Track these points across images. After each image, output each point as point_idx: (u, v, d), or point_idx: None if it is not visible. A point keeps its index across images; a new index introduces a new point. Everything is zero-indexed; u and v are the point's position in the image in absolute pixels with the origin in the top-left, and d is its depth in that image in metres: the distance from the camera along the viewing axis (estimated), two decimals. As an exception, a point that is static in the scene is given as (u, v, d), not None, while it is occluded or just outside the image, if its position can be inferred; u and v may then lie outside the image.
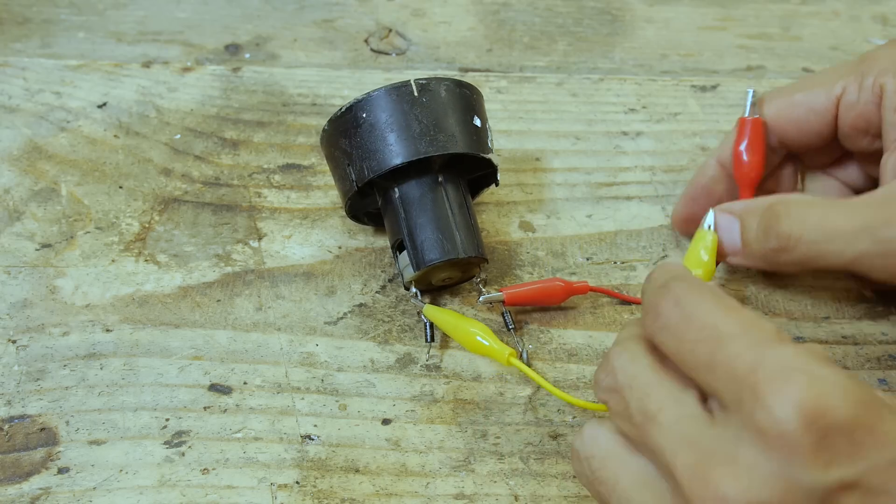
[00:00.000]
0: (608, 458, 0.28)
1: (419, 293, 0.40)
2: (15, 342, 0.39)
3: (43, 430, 0.37)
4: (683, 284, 0.27)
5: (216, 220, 0.45)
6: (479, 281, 0.41)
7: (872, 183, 0.40)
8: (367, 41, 0.56)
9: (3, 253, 0.43)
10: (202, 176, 0.47)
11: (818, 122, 0.39)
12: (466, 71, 0.54)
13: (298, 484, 0.35)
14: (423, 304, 0.39)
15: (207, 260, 0.43)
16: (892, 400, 0.27)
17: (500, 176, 0.41)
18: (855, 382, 0.24)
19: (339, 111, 0.39)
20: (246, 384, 0.38)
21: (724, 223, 0.37)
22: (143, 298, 0.41)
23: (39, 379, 0.38)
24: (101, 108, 0.50)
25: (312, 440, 0.36)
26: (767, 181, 0.42)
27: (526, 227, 0.45)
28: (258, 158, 0.48)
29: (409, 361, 0.39)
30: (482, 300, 0.39)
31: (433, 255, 0.38)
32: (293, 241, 0.44)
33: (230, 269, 0.42)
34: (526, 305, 0.40)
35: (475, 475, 0.35)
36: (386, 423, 0.37)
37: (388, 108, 0.38)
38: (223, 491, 0.35)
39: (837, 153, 0.41)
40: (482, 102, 0.41)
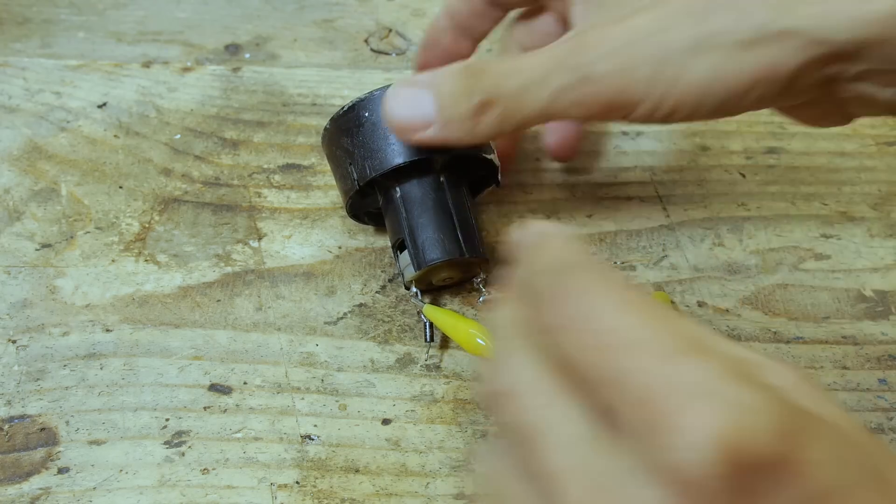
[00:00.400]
0: (496, 478, 0.24)
1: (419, 293, 0.40)
2: (15, 342, 0.39)
3: (43, 430, 0.36)
4: (585, 275, 0.22)
5: (216, 220, 0.45)
6: (479, 281, 0.41)
7: None
8: (367, 41, 0.56)
9: (3, 253, 0.43)
10: (202, 176, 0.47)
11: None
12: (466, 71, 0.54)
13: (298, 484, 0.35)
14: (423, 303, 0.39)
15: (207, 260, 0.43)
16: (811, 393, 0.22)
17: (500, 176, 0.41)
18: (777, 403, 0.19)
19: (341, 110, 0.39)
20: (246, 384, 0.38)
21: (408, 97, 0.35)
22: (143, 298, 0.41)
23: (39, 379, 0.38)
24: (101, 108, 0.50)
25: (312, 440, 0.36)
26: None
27: (526, 227, 0.45)
28: (258, 158, 0.48)
29: (409, 361, 0.39)
30: (482, 300, 0.39)
31: (434, 254, 0.38)
32: (293, 241, 0.44)
33: (230, 269, 0.42)
34: (526, 305, 0.40)
35: (475, 475, 0.35)
36: (386, 423, 0.37)
37: None
38: (223, 491, 0.35)
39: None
40: (482, 102, 0.41)
